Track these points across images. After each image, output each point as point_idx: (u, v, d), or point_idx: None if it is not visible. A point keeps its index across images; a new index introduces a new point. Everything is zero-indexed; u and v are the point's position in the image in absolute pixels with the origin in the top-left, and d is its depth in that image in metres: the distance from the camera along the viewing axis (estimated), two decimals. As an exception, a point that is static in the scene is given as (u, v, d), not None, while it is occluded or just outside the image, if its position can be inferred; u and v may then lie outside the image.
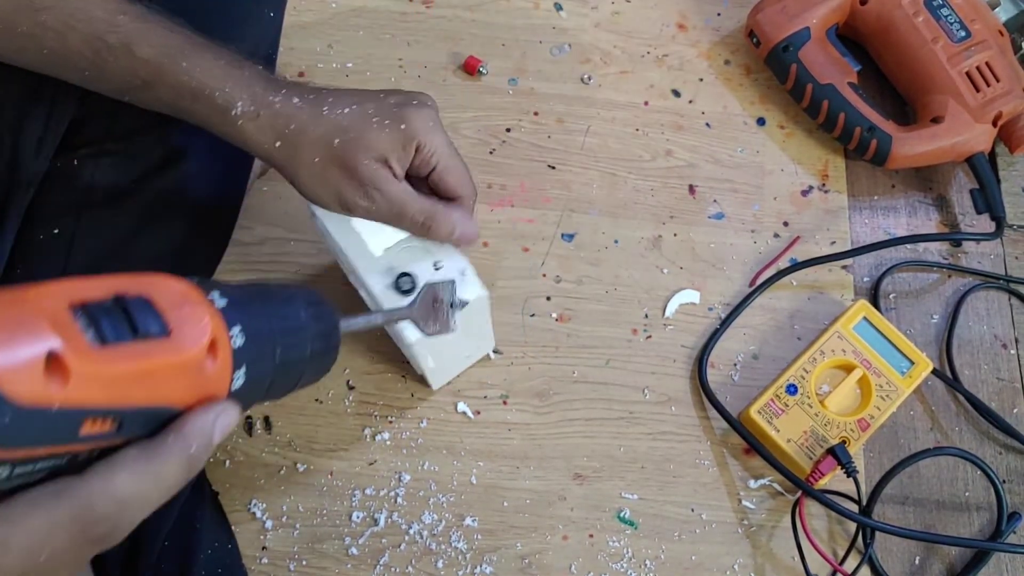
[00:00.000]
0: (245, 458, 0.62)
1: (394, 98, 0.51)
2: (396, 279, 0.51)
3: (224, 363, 0.28)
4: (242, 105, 0.48)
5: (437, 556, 0.60)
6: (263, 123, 0.49)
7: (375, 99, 0.51)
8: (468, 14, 0.79)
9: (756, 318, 0.69)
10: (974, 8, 0.73)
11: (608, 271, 0.70)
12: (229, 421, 0.29)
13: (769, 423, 0.62)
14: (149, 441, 0.27)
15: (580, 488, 0.63)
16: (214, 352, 0.27)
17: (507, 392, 0.65)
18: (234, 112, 0.48)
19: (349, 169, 0.49)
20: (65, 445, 0.24)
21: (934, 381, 0.67)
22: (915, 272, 0.72)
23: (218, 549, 0.57)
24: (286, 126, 0.49)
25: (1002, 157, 0.77)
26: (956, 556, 0.62)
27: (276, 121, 0.49)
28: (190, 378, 0.27)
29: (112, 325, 0.24)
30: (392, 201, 0.50)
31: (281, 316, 0.31)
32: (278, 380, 0.32)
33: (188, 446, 0.27)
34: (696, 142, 0.75)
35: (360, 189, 0.49)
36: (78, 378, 0.22)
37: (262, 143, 0.49)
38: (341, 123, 0.49)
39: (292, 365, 0.32)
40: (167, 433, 0.27)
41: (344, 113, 0.49)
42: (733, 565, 0.61)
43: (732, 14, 0.81)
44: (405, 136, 0.49)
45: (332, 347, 0.35)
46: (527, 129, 0.75)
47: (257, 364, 0.30)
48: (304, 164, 0.49)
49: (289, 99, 0.49)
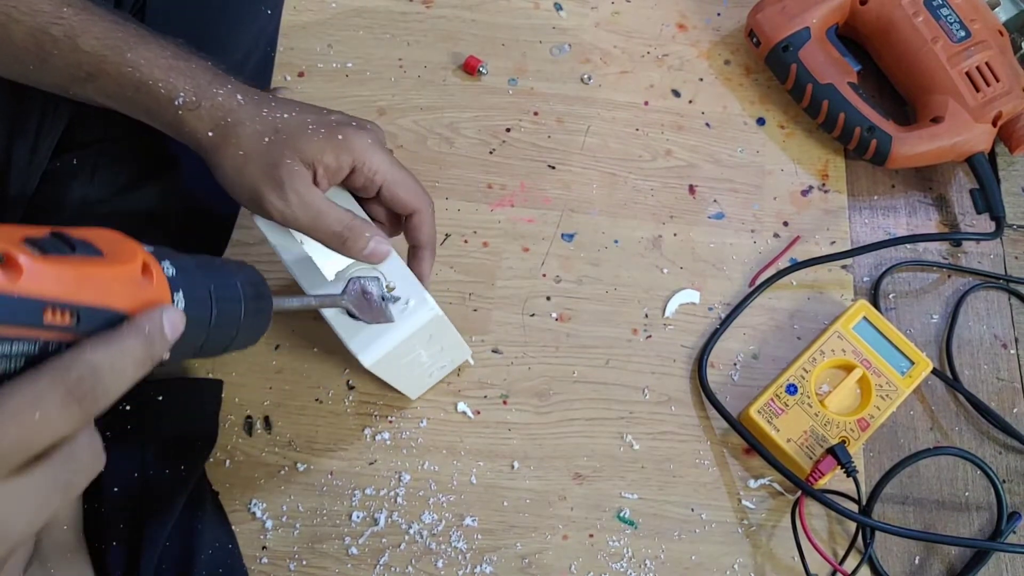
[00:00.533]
0: (245, 458, 0.62)
1: (336, 116, 0.51)
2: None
3: (161, 283, 0.33)
4: (184, 96, 0.48)
5: (437, 556, 0.60)
6: (202, 113, 0.48)
7: (318, 112, 0.51)
8: (468, 14, 0.79)
9: (756, 318, 0.69)
10: (974, 8, 0.73)
11: (608, 271, 0.70)
12: (177, 318, 0.32)
13: (769, 423, 0.62)
14: (106, 329, 0.31)
15: (580, 488, 0.63)
16: (148, 274, 0.32)
17: (507, 392, 0.65)
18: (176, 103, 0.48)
19: (271, 166, 0.48)
20: (32, 329, 0.28)
21: (934, 381, 0.67)
22: (915, 272, 0.72)
23: (219, 549, 0.57)
24: (223, 118, 0.48)
25: (1002, 157, 0.77)
26: (956, 556, 0.62)
27: (214, 112, 0.48)
28: (132, 288, 0.32)
29: (54, 245, 0.30)
30: (308, 206, 0.49)
31: (221, 284, 0.37)
32: (212, 337, 0.37)
33: (142, 327, 0.31)
34: (696, 142, 0.75)
35: (277, 189, 0.48)
36: (29, 273, 0.28)
37: (196, 132, 0.49)
38: (276, 124, 0.49)
39: (225, 328, 0.37)
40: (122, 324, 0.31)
41: (283, 117, 0.49)
42: (733, 565, 0.61)
43: (732, 14, 0.81)
44: (338, 149, 0.49)
45: (264, 319, 0.40)
46: (527, 129, 0.75)
47: (194, 323, 0.34)
48: (228, 156, 0.49)
49: (233, 95, 0.49)
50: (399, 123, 0.74)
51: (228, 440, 0.62)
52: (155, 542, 0.54)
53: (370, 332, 0.50)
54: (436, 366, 0.62)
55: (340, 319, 0.50)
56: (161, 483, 0.56)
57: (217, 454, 0.62)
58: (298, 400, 0.64)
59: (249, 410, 0.63)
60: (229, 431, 0.63)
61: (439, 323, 0.53)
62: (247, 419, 0.63)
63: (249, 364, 0.65)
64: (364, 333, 0.50)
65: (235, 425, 0.63)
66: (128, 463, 0.56)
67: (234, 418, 0.63)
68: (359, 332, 0.50)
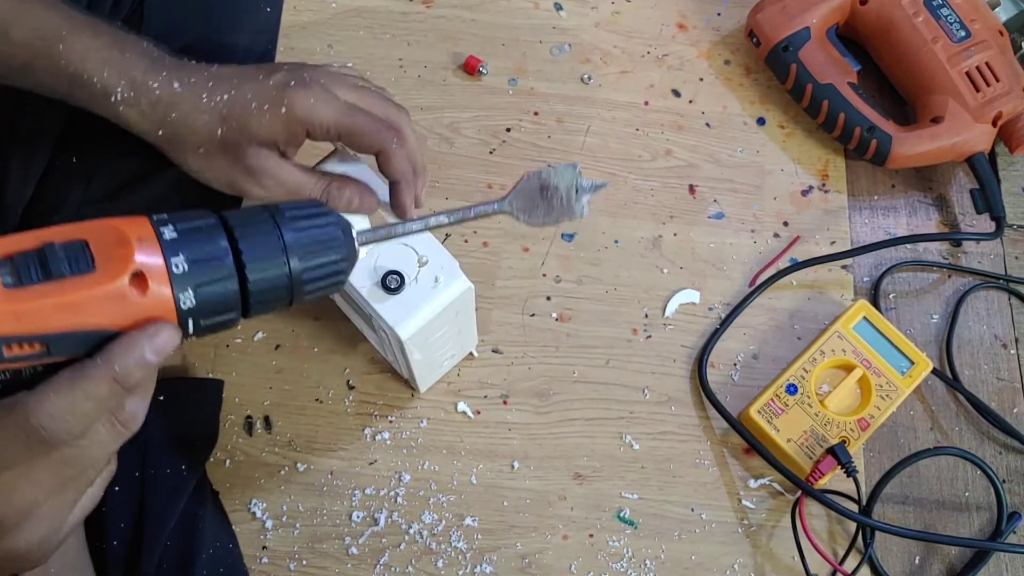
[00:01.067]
0: (245, 458, 0.62)
1: (274, 78, 0.49)
2: (383, 277, 0.51)
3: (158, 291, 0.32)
4: (121, 91, 0.47)
5: (437, 556, 0.60)
6: (144, 110, 0.48)
7: (254, 80, 0.49)
8: (468, 14, 0.79)
9: (756, 318, 0.69)
10: (974, 8, 0.73)
11: (608, 271, 0.70)
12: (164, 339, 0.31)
13: (769, 423, 0.62)
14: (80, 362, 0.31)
15: (580, 488, 0.63)
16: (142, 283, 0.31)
17: (507, 392, 0.65)
18: (114, 99, 0.47)
19: (236, 157, 0.48)
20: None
21: (934, 381, 0.67)
22: (915, 272, 0.72)
23: (219, 549, 0.57)
24: (167, 115, 0.48)
25: (1002, 157, 0.77)
26: (956, 556, 0.62)
27: (156, 109, 0.48)
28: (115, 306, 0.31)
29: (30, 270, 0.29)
30: (285, 184, 0.50)
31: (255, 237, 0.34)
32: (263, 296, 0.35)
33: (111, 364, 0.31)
34: (696, 142, 0.75)
35: (251, 177, 0.49)
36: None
37: (145, 130, 0.49)
38: (222, 112, 0.48)
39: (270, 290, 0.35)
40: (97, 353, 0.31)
41: (224, 100, 0.48)
42: (733, 565, 0.61)
43: (732, 14, 0.81)
44: (287, 119, 0.48)
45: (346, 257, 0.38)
46: (527, 129, 0.75)
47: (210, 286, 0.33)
48: (190, 152, 0.49)
49: (169, 84, 0.48)
50: (399, 123, 0.74)
51: (228, 440, 0.62)
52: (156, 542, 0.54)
53: (405, 305, 0.51)
54: (448, 354, 0.62)
55: (375, 293, 0.51)
56: (162, 483, 0.56)
57: (217, 454, 0.62)
58: (298, 400, 0.64)
59: (249, 410, 0.63)
60: (229, 431, 0.63)
61: (469, 297, 0.54)
62: (247, 419, 0.63)
63: (249, 364, 0.65)
64: (399, 306, 0.51)
65: (235, 425, 0.63)
66: (129, 463, 0.56)
67: (234, 418, 0.63)
68: (394, 306, 0.51)
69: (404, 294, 0.51)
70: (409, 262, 0.52)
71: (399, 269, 0.51)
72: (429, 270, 0.52)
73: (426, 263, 0.52)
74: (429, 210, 0.45)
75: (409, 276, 0.52)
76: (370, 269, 0.52)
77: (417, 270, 0.52)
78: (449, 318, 0.54)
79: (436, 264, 0.52)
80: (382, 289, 0.51)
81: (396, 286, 0.51)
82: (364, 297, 0.51)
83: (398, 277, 0.51)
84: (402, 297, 0.51)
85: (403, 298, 0.51)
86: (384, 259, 0.52)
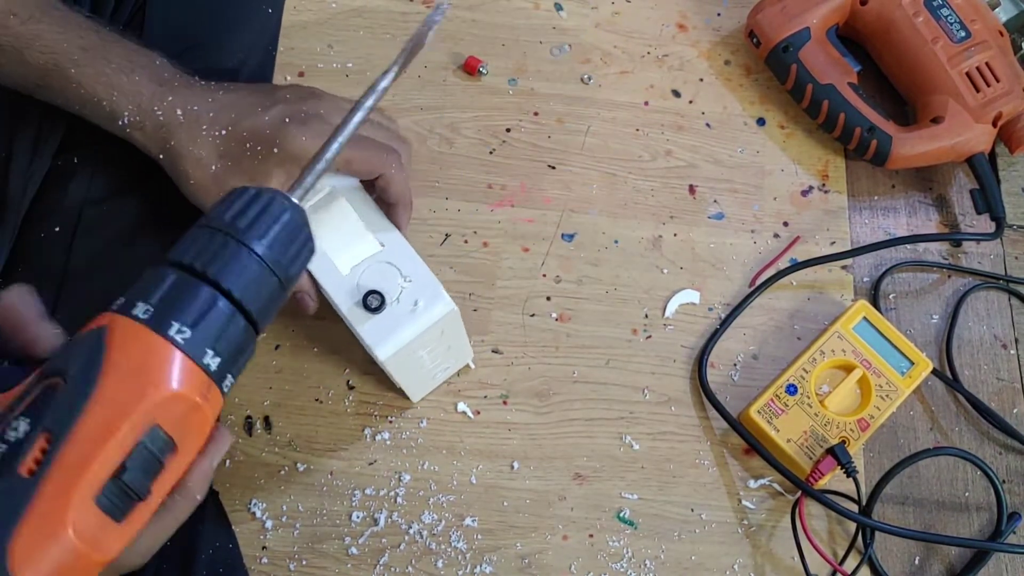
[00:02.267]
0: (245, 458, 0.62)
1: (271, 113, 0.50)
2: (364, 297, 0.51)
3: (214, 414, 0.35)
4: (128, 115, 0.49)
5: (437, 556, 0.60)
6: (148, 134, 0.50)
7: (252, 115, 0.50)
8: (468, 14, 0.79)
9: (756, 318, 0.69)
10: (974, 8, 0.73)
11: (608, 271, 0.70)
12: (221, 448, 0.36)
13: (769, 423, 0.62)
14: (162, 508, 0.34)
15: (580, 488, 0.63)
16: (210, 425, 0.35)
17: (507, 392, 0.65)
18: (121, 122, 0.49)
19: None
20: None
21: (934, 381, 0.67)
22: (915, 272, 0.72)
23: (219, 549, 0.57)
24: (167, 141, 0.49)
25: (1002, 157, 0.77)
26: (956, 556, 0.62)
27: (158, 133, 0.49)
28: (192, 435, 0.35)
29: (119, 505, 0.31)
30: None
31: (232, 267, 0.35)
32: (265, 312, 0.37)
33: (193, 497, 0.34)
34: (696, 142, 0.75)
35: None
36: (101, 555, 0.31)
37: (150, 151, 0.50)
38: (218, 148, 0.49)
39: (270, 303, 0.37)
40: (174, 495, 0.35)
41: (222, 136, 0.49)
42: (733, 565, 0.61)
43: (732, 14, 0.81)
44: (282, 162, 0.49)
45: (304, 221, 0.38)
46: (527, 129, 0.75)
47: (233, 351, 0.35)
48: (186, 179, 0.50)
49: (172, 111, 0.49)
50: (399, 123, 0.74)
51: (228, 440, 0.62)
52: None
53: (385, 326, 0.50)
54: (440, 368, 0.62)
55: (355, 312, 0.51)
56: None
57: (217, 454, 0.62)
58: (298, 400, 0.64)
59: (249, 410, 0.63)
60: (229, 431, 0.63)
61: (453, 319, 0.53)
62: (247, 419, 0.63)
63: (249, 364, 0.64)
64: (379, 327, 0.50)
65: (235, 425, 0.63)
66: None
67: (234, 418, 0.63)
68: (374, 326, 0.50)
69: (385, 314, 0.51)
70: (392, 281, 0.52)
71: (380, 289, 0.51)
72: (411, 291, 0.51)
73: (410, 283, 0.52)
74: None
75: (391, 296, 0.51)
76: (352, 287, 0.51)
77: (400, 290, 0.51)
78: (433, 337, 0.53)
79: (419, 284, 0.52)
80: (363, 308, 0.50)
81: (376, 306, 0.50)
82: (345, 315, 0.51)
83: (379, 297, 0.50)
84: (382, 317, 0.50)
85: (383, 318, 0.50)
86: (366, 278, 0.52)
